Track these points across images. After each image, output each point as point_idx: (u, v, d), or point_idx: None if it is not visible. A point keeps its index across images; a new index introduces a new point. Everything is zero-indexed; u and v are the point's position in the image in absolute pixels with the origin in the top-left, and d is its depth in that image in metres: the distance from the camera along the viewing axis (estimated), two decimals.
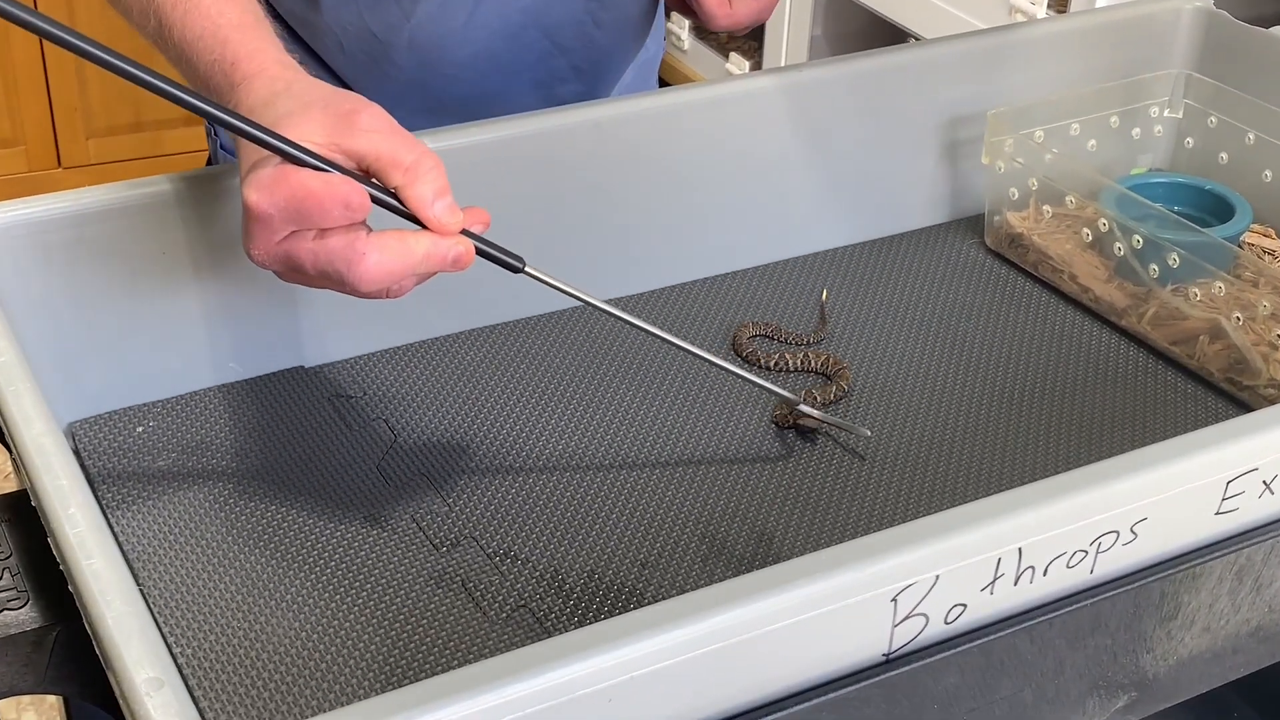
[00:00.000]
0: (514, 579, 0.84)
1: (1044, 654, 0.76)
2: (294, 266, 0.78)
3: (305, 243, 0.76)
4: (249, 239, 0.77)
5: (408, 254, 0.77)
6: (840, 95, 1.13)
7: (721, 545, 0.87)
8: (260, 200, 0.75)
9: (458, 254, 0.79)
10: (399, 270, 0.77)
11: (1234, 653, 0.85)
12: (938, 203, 1.21)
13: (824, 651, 0.69)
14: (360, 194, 0.76)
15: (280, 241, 0.77)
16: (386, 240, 0.77)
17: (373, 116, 0.78)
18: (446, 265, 0.79)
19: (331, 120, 0.77)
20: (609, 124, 1.05)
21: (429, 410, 0.98)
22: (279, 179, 0.75)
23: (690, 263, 1.12)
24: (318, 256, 0.76)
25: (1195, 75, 1.22)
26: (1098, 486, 0.73)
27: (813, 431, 0.96)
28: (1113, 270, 1.09)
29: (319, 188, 0.75)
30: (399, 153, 0.78)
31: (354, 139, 0.77)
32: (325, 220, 0.76)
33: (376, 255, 0.76)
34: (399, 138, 0.78)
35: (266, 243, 0.77)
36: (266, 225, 0.76)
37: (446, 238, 0.78)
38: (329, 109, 0.78)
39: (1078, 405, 1.00)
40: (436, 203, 0.78)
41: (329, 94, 0.80)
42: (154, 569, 0.84)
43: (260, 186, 0.75)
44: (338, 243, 0.76)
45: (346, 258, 0.76)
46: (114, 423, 0.95)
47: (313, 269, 0.77)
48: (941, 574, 0.70)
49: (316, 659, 0.78)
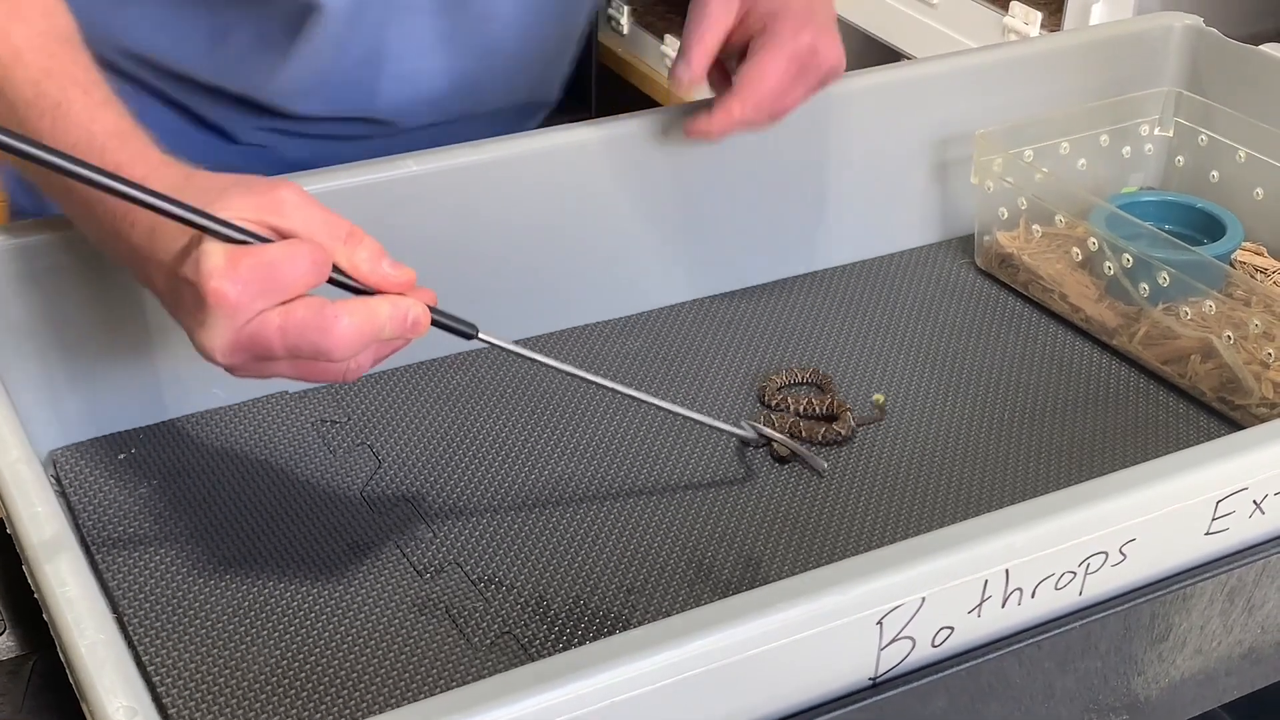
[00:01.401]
0: (498, 605, 0.83)
1: (1033, 677, 0.76)
2: (261, 352, 0.73)
3: (272, 321, 0.72)
4: (210, 334, 0.73)
5: (373, 315, 0.74)
6: (829, 115, 1.12)
7: (708, 570, 0.86)
8: (228, 288, 0.71)
9: (415, 316, 0.76)
10: (369, 332, 0.74)
11: (1226, 675, 0.84)
12: (928, 223, 1.21)
13: (809, 675, 0.69)
14: (321, 249, 0.73)
15: (245, 326, 0.72)
16: (352, 305, 0.74)
17: (294, 193, 0.75)
18: (406, 327, 0.76)
19: (255, 200, 0.74)
20: (596, 144, 1.05)
21: (414, 436, 0.97)
22: (235, 260, 0.71)
23: (678, 285, 1.12)
24: (287, 333, 0.72)
25: (1186, 93, 1.22)
26: (1085, 507, 0.73)
27: (785, 460, 0.95)
28: (1103, 290, 1.08)
29: (283, 254, 0.72)
30: (331, 226, 0.75)
31: (284, 217, 0.74)
32: (298, 285, 0.72)
33: (347, 319, 0.73)
34: (323, 212, 0.76)
35: (231, 333, 0.72)
36: (233, 313, 0.72)
37: (403, 299, 0.76)
38: (249, 190, 0.75)
39: (1069, 425, 0.99)
40: (382, 263, 0.76)
41: (235, 177, 0.77)
42: (135, 597, 0.83)
43: (222, 274, 0.71)
44: (305, 314, 0.73)
45: (319, 326, 0.72)
46: (95, 450, 0.94)
47: (283, 347, 0.73)
48: (928, 596, 0.69)
49: (299, 686, 0.77)
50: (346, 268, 0.76)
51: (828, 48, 0.99)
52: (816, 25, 0.99)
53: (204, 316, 0.72)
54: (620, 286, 1.10)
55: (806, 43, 0.98)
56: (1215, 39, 1.24)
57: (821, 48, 0.99)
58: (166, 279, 0.76)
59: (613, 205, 1.07)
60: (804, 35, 0.98)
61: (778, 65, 0.98)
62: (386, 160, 0.99)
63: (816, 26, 0.99)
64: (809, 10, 0.99)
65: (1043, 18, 2.05)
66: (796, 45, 0.98)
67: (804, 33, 0.98)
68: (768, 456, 0.96)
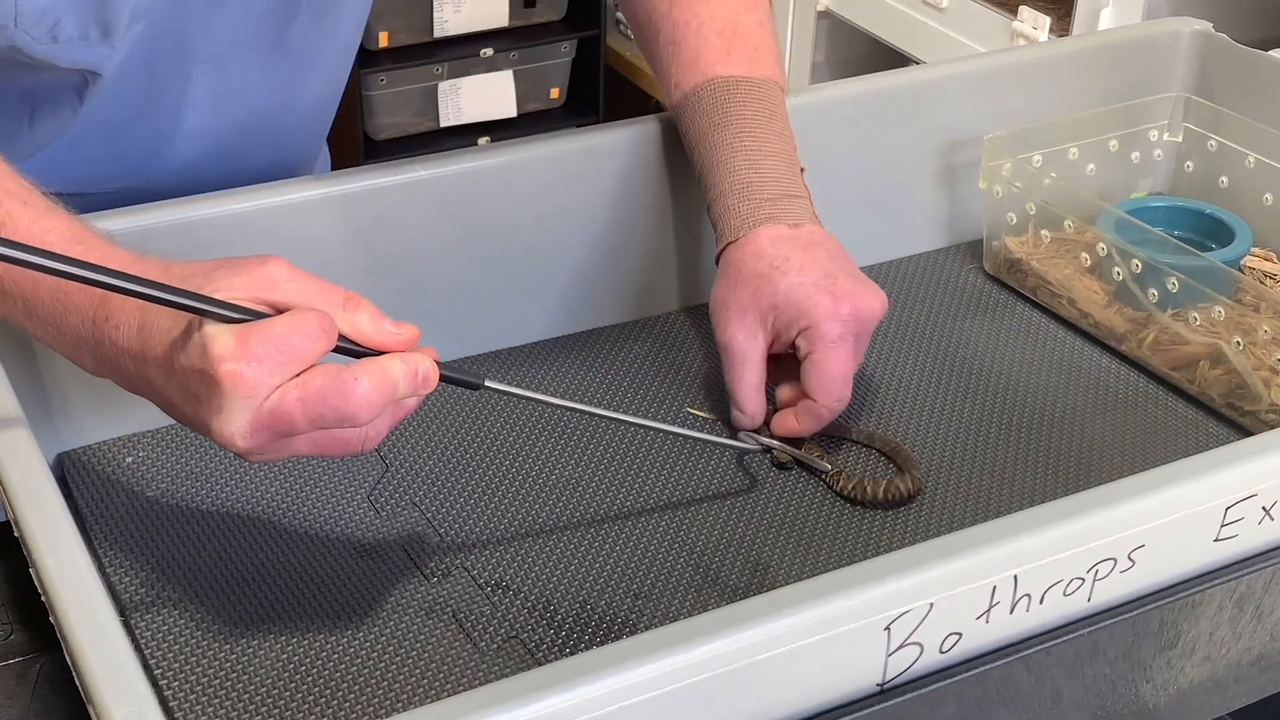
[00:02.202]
0: (505, 609, 0.83)
1: (1041, 684, 0.75)
2: (283, 429, 0.71)
3: (291, 395, 0.70)
4: (228, 419, 0.70)
5: (388, 375, 0.73)
6: (837, 120, 1.12)
7: (715, 576, 0.86)
8: (242, 368, 0.69)
9: (425, 371, 0.75)
10: (388, 391, 0.73)
11: (1235, 682, 0.84)
12: (936, 228, 1.21)
13: (817, 681, 0.68)
14: (326, 315, 0.72)
15: (264, 404, 0.70)
16: (367, 367, 0.73)
17: (282, 268, 0.73)
18: (418, 383, 0.75)
19: (245, 279, 0.72)
20: (603, 148, 1.05)
21: (421, 440, 0.97)
22: (245, 338, 0.69)
23: (685, 289, 1.12)
24: (308, 404, 0.71)
25: (1195, 99, 1.21)
26: (1094, 512, 0.73)
27: (786, 466, 0.95)
28: (1112, 295, 1.08)
29: (290, 326, 0.70)
30: (326, 295, 0.74)
31: (278, 292, 0.72)
32: (310, 354, 0.71)
33: (366, 380, 0.72)
34: (315, 282, 0.74)
35: (251, 413, 0.70)
36: (251, 393, 0.70)
37: (411, 355, 0.75)
38: (235, 270, 0.73)
39: (1077, 431, 0.99)
40: (383, 324, 0.75)
41: (217, 261, 0.75)
42: (142, 600, 0.83)
43: (235, 356, 0.69)
44: (323, 382, 0.71)
45: (339, 392, 0.71)
46: (103, 453, 0.94)
47: (305, 419, 0.71)
48: (935, 602, 0.69)
49: (305, 690, 0.77)
50: (350, 333, 0.74)
51: (865, 302, 0.94)
52: (842, 288, 0.94)
53: (220, 403, 0.70)
54: (626, 291, 1.10)
55: (847, 313, 0.93)
56: (1224, 44, 1.23)
57: (860, 306, 0.94)
58: (165, 374, 0.73)
59: (620, 209, 1.07)
60: (843, 309, 0.93)
61: (840, 365, 0.93)
62: (392, 165, 0.99)
63: (843, 290, 0.94)
64: (830, 279, 0.94)
65: (1051, 22, 2.04)
66: (843, 329, 0.93)
67: (842, 306, 0.93)
68: (769, 465, 0.95)
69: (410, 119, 2.71)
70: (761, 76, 1.02)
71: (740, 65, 1.02)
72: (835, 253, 0.97)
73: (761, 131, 1.00)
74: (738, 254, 0.97)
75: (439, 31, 2.65)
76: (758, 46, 1.04)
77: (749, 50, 1.03)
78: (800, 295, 0.94)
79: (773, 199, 0.98)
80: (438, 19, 2.63)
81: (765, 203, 0.98)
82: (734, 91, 1.01)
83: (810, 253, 0.96)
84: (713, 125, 1.01)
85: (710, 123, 1.01)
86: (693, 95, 1.02)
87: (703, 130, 1.01)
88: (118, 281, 0.70)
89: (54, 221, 0.77)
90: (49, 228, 0.77)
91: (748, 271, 0.96)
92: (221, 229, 0.94)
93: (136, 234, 0.91)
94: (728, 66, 1.02)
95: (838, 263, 0.96)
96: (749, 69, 1.02)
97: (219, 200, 0.95)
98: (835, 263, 0.96)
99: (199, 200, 0.95)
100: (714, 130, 1.01)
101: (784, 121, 1.02)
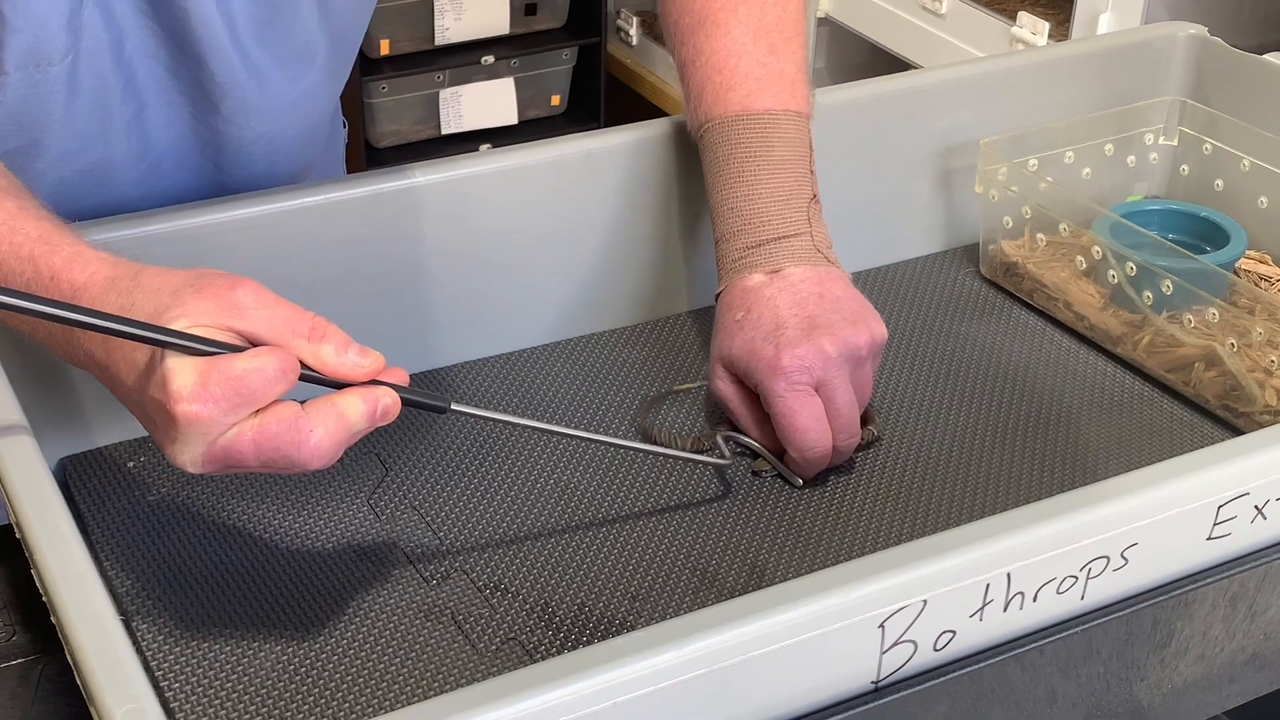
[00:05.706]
0: (504, 612, 0.84)
1: (1035, 682, 0.76)
2: (234, 464, 0.72)
3: (245, 435, 0.71)
4: (180, 449, 0.71)
5: (344, 419, 0.73)
6: (833, 125, 1.13)
7: (713, 578, 0.87)
8: (199, 410, 0.70)
9: (385, 406, 0.75)
10: (343, 438, 0.73)
11: (1230, 680, 0.84)
12: (932, 231, 1.21)
13: (811, 679, 0.69)
14: (288, 356, 0.72)
15: (217, 441, 0.71)
16: (323, 412, 0.73)
17: (251, 293, 0.73)
18: (376, 420, 0.75)
19: (212, 304, 0.72)
20: (604, 154, 1.06)
21: (420, 443, 0.97)
22: (205, 379, 0.70)
23: (683, 294, 1.12)
24: (260, 448, 0.71)
25: (1190, 102, 1.22)
26: (1087, 511, 0.73)
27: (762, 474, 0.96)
28: (1108, 298, 1.08)
29: (250, 367, 0.71)
30: (293, 323, 0.74)
31: (244, 320, 0.72)
32: (267, 395, 0.71)
33: (320, 429, 0.72)
34: (284, 307, 0.74)
35: (203, 447, 0.71)
36: (206, 431, 0.70)
37: (372, 390, 0.75)
38: (203, 293, 0.73)
39: (1073, 433, 1.00)
40: (348, 353, 0.75)
41: (186, 276, 0.74)
42: (143, 603, 0.83)
43: (191, 397, 0.69)
44: (278, 427, 0.71)
45: (293, 440, 0.72)
46: (105, 458, 0.95)
47: (256, 460, 0.72)
48: (929, 599, 0.69)
49: (305, 692, 0.78)
50: (313, 364, 0.74)
51: (822, 343, 0.93)
52: (787, 339, 0.93)
53: (175, 433, 0.71)
54: (628, 295, 1.10)
55: (789, 364, 0.92)
56: (1220, 48, 1.24)
57: (807, 353, 0.92)
58: (131, 399, 0.75)
59: (619, 215, 1.07)
60: (783, 360, 0.92)
61: (795, 415, 0.92)
62: (393, 170, 1.00)
63: (788, 340, 0.93)
64: (777, 331, 0.94)
65: (1050, 27, 2.05)
66: (788, 381, 0.92)
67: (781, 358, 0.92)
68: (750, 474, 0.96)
69: (411, 126, 2.72)
70: (761, 110, 1.01)
71: (735, 104, 1.01)
72: (805, 294, 0.95)
73: (751, 173, 1.00)
74: (720, 304, 0.99)
75: (440, 39, 2.66)
76: (762, 76, 1.02)
77: (752, 82, 1.02)
78: (747, 351, 0.94)
79: (754, 246, 0.98)
80: (439, 26, 2.64)
81: (748, 251, 0.98)
82: (728, 132, 1.01)
83: (774, 301, 0.95)
84: (709, 171, 1.03)
85: (708, 168, 1.03)
86: (698, 138, 1.04)
87: (705, 174, 1.03)
88: (75, 315, 0.70)
89: (23, 221, 0.78)
90: (17, 228, 0.78)
91: (723, 323, 0.98)
92: (222, 235, 0.95)
93: (138, 241, 0.92)
94: (722, 108, 1.02)
95: (805, 306, 0.95)
96: (744, 106, 1.01)
97: (220, 207, 0.96)
98: (800, 307, 0.95)
99: (199, 207, 0.96)
100: (709, 175, 1.03)
101: (786, 151, 1.01)
